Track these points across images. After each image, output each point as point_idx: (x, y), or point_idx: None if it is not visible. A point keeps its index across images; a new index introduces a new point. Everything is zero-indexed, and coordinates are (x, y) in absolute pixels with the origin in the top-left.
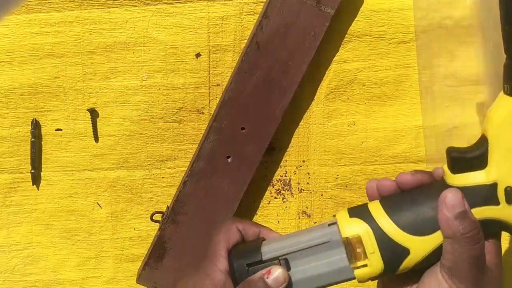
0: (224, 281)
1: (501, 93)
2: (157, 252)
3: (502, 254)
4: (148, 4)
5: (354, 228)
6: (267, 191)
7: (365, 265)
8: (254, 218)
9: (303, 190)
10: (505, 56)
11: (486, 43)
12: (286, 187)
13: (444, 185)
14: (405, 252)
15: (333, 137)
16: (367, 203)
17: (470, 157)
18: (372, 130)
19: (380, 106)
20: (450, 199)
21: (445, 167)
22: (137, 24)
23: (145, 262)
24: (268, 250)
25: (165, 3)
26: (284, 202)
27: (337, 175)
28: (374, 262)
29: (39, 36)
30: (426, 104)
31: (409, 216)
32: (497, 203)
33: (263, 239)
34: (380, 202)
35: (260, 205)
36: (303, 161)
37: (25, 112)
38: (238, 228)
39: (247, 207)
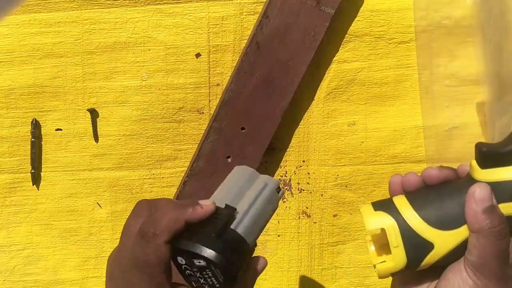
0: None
1: None
2: None
3: None
4: (148, 4)
5: (379, 221)
6: None
7: (384, 261)
8: None
9: (303, 190)
10: None
11: (486, 43)
12: (286, 187)
13: (471, 180)
14: (429, 246)
15: (333, 137)
16: (392, 197)
17: (502, 152)
18: (372, 130)
19: (380, 106)
20: (479, 193)
21: (473, 162)
22: (137, 24)
23: None
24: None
25: (165, 3)
26: (284, 202)
27: (337, 175)
28: (397, 256)
29: (39, 36)
30: (426, 104)
31: (435, 210)
32: None
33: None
34: (406, 196)
35: None
36: (303, 161)
37: (25, 112)
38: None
39: None
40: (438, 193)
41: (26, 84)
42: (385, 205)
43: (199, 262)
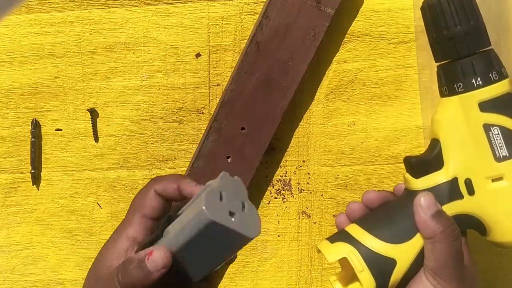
0: (127, 248)
1: (440, 98)
2: None
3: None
4: (148, 4)
5: (339, 251)
6: (267, 191)
7: None
8: None
9: (303, 190)
10: (441, 62)
11: None
12: (286, 187)
13: (410, 193)
14: (392, 263)
15: (333, 137)
16: (344, 228)
17: (428, 159)
18: (372, 130)
19: (380, 106)
20: (424, 201)
21: (407, 175)
22: (137, 24)
23: None
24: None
25: (165, 3)
26: (284, 202)
27: (337, 175)
28: (365, 280)
29: (39, 36)
30: (426, 104)
31: (386, 227)
32: (461, 196)
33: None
34: (356, 223)
35: (260, 205)
36: (303, 161)
37: (25, 112)
38: (156, 191)
39: None
40: (384, 212)
41: (26, 84)
42: (340, 236)
43: None
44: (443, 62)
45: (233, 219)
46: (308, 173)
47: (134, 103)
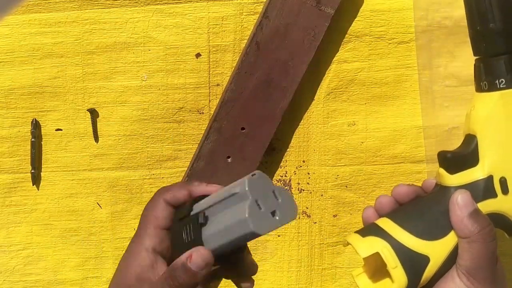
0: (152, 260)
1: (477, 93)
2: None
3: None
4: (148, 4)
5: (371, 246)
6: None
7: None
8: None
9: (303, 190)
10: (481, 56)
11: None
12: (286, 187)
13: (443, 188)
14: (425, 260)
15: (333, 137)
16: (375, 222)
17: (464, 155)
18: (372, 130)
19: (380, 106)
20: (461, 200)
21: (441, 170)
22: (137, 24)
23: None
24: (197, 206)
25: (165, 3)
26: None
27: (337, 175)
28: (398, 277)
29: (39, 36)
30: (426, 104)
31: (420, 222)
32: (494, 195)
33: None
34: (387, 217)
35: None
36: (303, 161)
37: (25, 112)
38: (166, 200)
39: None
40: (416, 207)
41: (26, 84)
42: (371, 230)
43: None
44: (484, 56)
45: (276, 218)
46: (308, 173)
47: (134, 103)
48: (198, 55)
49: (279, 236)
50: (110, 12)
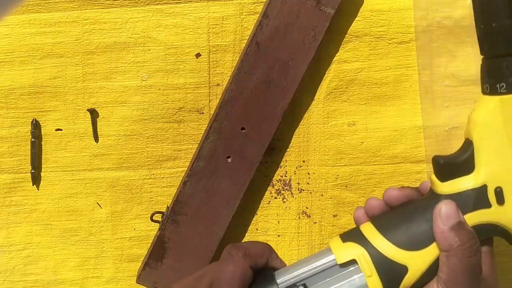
0: None
1: (481, 94)
2: (157, 252)
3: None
4: (148, 4)
5: (349, 252)
6: (267, 191)
7: None
8: (254, 218)
9: (303, 190)
10: (486, 57)
11: None
12: (286, 187)
13: (434, 196)
14: (403, 270)
15: (333, 137)
16: (359, 226)
17: (458, 162)
18: (372, 130)
19: (380, 106)
20: (444, 211)
21: (433, 177)
22: (137, 24)
23: (145, 262)
24: (283, 280)
25: (165, 3)
26: (284, 202)
27: (337, 175)
28: (373, 285)
29: (39, 36)
30: (426, 104)
31: (403, 231)
32: (488, 205)
33: (274, 269)
34: (371, 222)
35: (260, 205)
36: (303, 161)
37: (25, 112)
38: (251, 266)
39: (247, 207)
40: (403, 213)
41: (26, 84)
42: (352, 235)
43: None
44: (486, 57)
45: None
46: (308, 173)
47: (134, 103)
48: (198, 55)
49: (279, 236)
50: (110, 12)
